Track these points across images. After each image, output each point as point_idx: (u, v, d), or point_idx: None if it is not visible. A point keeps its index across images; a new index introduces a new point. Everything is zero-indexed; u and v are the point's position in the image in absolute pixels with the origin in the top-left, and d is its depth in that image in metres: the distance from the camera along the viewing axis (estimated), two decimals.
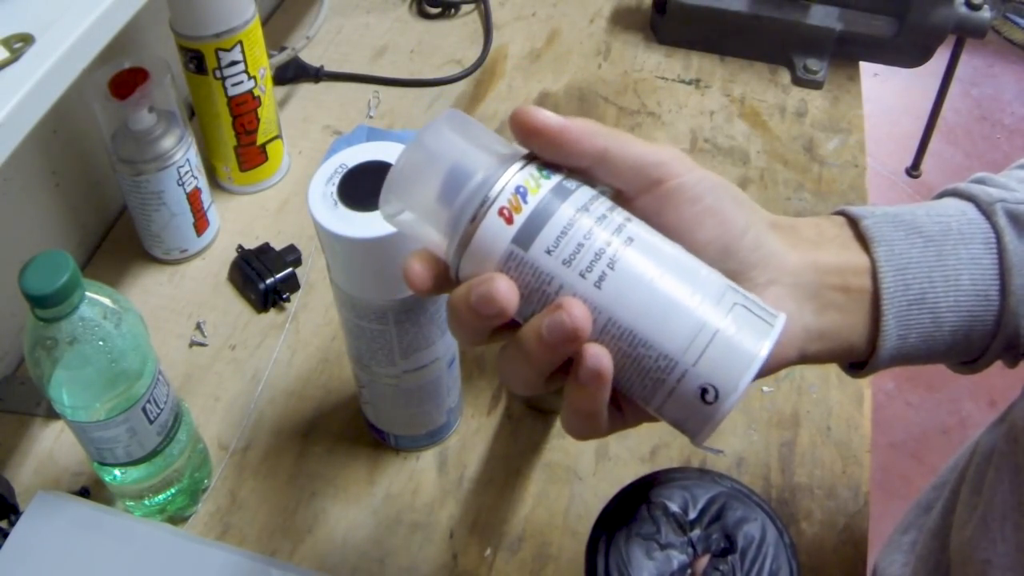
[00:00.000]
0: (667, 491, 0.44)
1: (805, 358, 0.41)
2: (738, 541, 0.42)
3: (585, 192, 0.36)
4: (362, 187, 0.51)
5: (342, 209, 0.50)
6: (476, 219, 0.35)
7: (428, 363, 0.59)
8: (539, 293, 0.35)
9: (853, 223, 0.43)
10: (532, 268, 0.34)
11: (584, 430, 0.37)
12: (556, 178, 0.36)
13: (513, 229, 0.34)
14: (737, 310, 0.35)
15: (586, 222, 0.34)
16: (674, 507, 0.43)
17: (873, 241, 0.41)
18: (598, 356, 0.34)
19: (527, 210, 0.34)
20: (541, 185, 0.35)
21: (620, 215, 0.36)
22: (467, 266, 0.36)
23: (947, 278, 0.41)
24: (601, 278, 0.34)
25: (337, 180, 0.51)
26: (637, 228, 0.36)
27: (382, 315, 0.55)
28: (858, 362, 0.43)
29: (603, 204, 0.36)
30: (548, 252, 0.34)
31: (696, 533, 0.43)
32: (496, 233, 0.34)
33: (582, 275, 0.34)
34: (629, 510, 0.43)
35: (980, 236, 0.42)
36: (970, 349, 0.43)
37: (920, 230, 0.42)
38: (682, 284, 0.34)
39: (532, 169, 0.36)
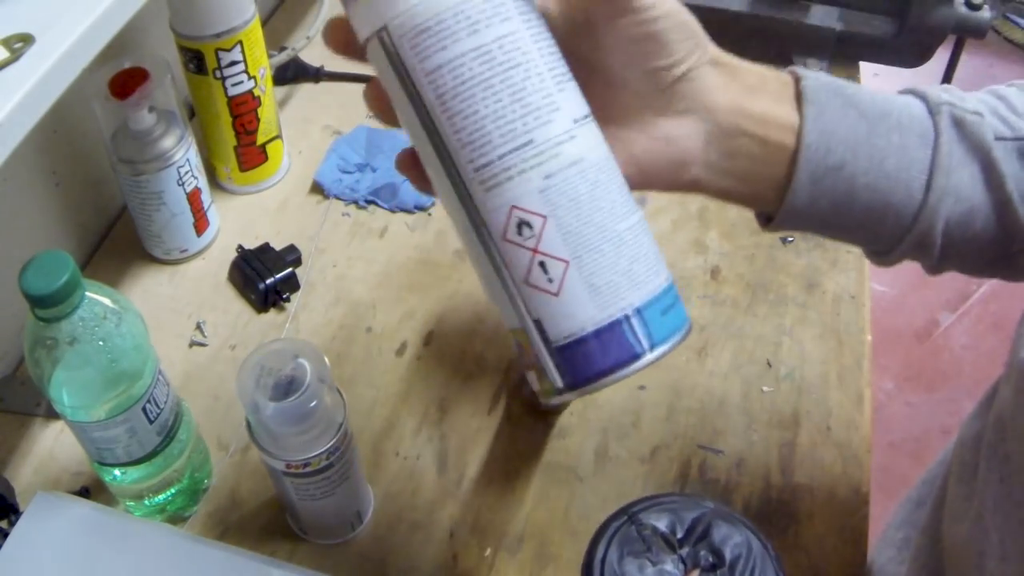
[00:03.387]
0: (654, 514, 0.46)
1: (699, 186, 0.42)
2: (726, 555, 0.45)
3: None
4: None
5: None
6: None
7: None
8: None
9: (798, 82, 0.43)
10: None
11: None
12: None
13: None
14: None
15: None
16: (662, 527, 0.46)
17: (807, 101, 0.42)
18: None
19: None
20: None
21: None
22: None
23: (872, 157, 0.41)
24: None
25: None
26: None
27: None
28: (768, 215, 0.44)
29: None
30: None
31: (685, 551, 0.45)
32: None
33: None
34: (619, 532, 0.46)
35: (918, 129, 0.42)
36: (881, 236, 0.44)
37: (858, 105, 0.42)
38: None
39: None
